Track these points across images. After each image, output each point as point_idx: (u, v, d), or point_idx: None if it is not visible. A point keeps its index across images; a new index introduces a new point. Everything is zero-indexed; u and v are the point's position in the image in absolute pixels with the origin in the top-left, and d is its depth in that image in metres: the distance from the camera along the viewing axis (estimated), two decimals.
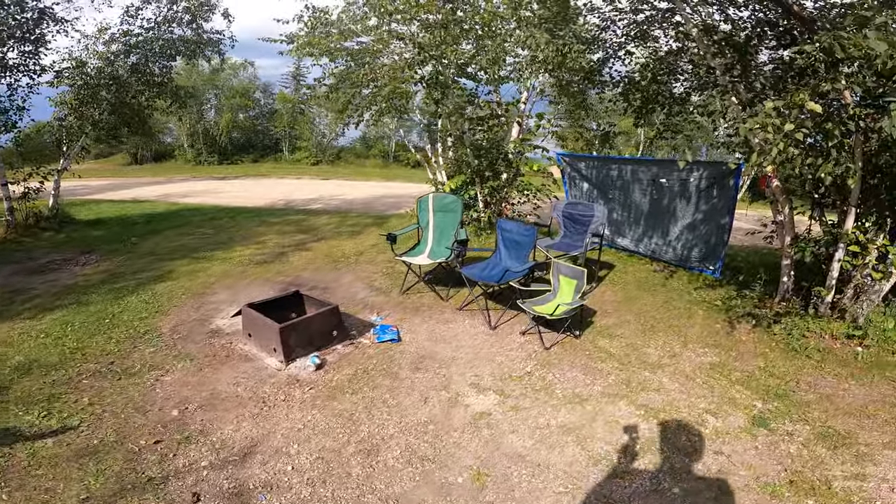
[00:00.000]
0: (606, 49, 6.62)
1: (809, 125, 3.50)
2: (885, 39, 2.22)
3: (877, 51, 2.22)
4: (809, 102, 3.40)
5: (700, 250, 6.45)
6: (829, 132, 3.45)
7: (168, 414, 3.46)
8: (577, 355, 4.34)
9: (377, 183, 20.99)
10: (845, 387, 3.91)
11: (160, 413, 3.47)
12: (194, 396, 3.68)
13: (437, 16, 7.97)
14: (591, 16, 6.64)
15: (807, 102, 3.40)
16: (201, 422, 3.38)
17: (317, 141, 33.68)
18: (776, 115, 3.40)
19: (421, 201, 6.09)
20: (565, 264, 4.64)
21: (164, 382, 3.88)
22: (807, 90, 3.51)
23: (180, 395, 3.70)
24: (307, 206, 13.28)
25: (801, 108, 3.44)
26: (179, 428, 3.30)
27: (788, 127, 3.45)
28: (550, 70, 6.56)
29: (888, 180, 4.38)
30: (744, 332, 4.83)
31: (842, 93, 3.70)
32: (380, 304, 5.54)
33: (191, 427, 3.31)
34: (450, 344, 4.62)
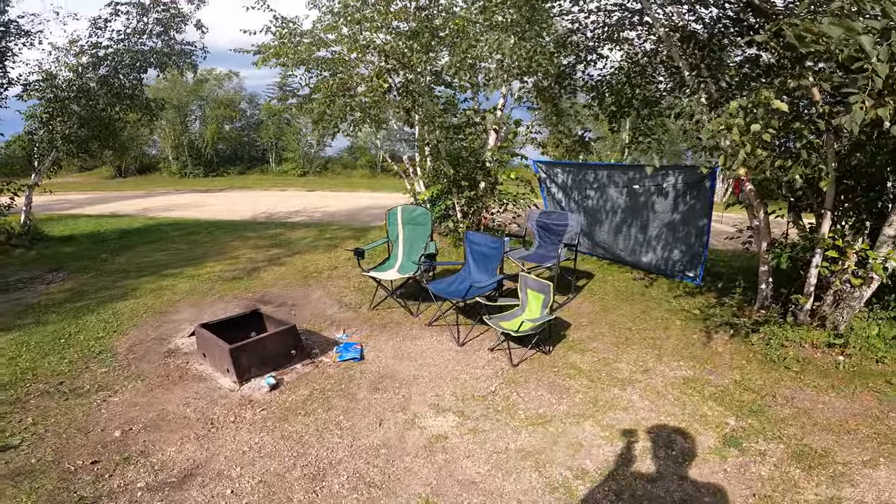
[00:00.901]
0: (578, 53, 6.49)
1: (777, 125, 3.35)
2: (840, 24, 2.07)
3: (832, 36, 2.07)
4: (775, 101, 3.25)
5: (680, 257, 6.29)
6: (798, 132, 3.29)
7: (110, 434, 3.36)
8: (545, 372, 4.14)
9: (363, 194, 20.81)
10: (825, 399, 3.73)
11: (102, 433, 3.38)
12: (140, 417, 3.57)
13: (408, 24, 7.84)
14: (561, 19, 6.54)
15: (772, 100, 3.25)
16: (143, 443, 3.28)
17: (304, 152, 33.48)
18: (741, 115, 3.25)
19: (390, 214, 5.90)
20: (532, 278, 4.45)
21: (112, 403, 3.77)
22: (772, 88, 3.36)
23: (126, 416, 3.59)
24: (289, 218, 13.07)
25: (766, 106, 3.30)
26: (120, 448, 3.21)
27: (755, 128, 3.30)
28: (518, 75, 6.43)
29: (864, 181, 4.24)
30: (721, 342, 4.65)
31: (810, 90, 3.56)
32: (347, 321, 5.33)
33: (132, 448, 3.22)
34: (414, 361, 4.42)
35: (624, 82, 6.26)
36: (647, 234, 6.59)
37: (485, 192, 8.27)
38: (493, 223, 8.80)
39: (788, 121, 3.49)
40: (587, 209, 7.36)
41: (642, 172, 6.42)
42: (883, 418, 3.47)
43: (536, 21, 6.17)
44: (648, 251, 6.63)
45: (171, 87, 30.89)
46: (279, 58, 7.72)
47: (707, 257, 6.07)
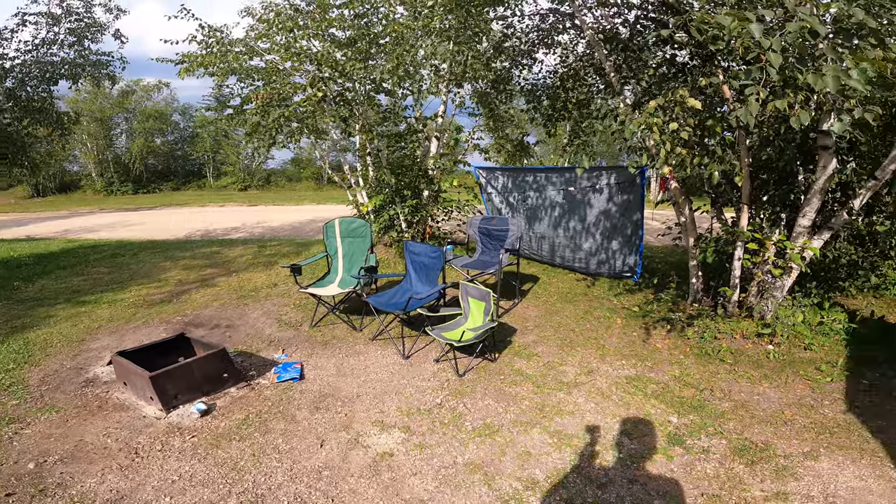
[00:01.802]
0: (514, 57, 6.58)
1: (693, 123, 3.47)
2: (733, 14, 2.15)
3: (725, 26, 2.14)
4: (690, 98, 3.37)
5: (618, 255, 6.46)
6: (712, 129, 3.43)
7: (24, 467, 3.11)
8: (492, 380, 4.08)
9: (308, 207, 20.25)
10: (760, 391, 3.87)
11: (15, 466, 3.12)
12: (55, 449, 3.30)
13: (345, 32, 7.69)
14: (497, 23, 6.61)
15: (687, 99, 3.37)
16: (61, 475, 3.03)
17: (244, 165, 32.26)
18: (660, 114, 3.35)
19: (327, 228, 5.68)
20: (473, 286, 4.39)
21: (24, 435, 3.47)
22: (686, 86, 3.49)
23: (40, 448, 3.31)
24: (226, 235, 12.46)
25: (682, 105, 3.41)
26: (35, 481, 2.97)
27: (673, 126, 3.41)
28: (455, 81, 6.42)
29: (776, 175, 4.49)
30: (659, 338, 4.78)
31: (720, 88, 3.72)
32: (286, 340, 5.06)
33: (48, 480, 2.99)
34: (358, 378, 4.23)
35: (558, 86, 6.39)
36: (585, 234, 6.73)
37: (428, 200, 8.19)
38: (439, 231, 8.73)
39: (703, 119, 3.63)
40: (528, 213, 7.44)
41: (576, 175, 6.55)
42: (817, 407, 3.64)
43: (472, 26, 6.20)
44: (588, 251, 6.77)
45: (93, 100, 28.97)
46: (205, 67, 7.35)
47: (643, 254, 6.27)
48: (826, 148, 3.85)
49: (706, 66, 3.65)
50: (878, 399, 3.71)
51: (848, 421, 3.41)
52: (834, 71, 2.00)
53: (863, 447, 3.09)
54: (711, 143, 3.60)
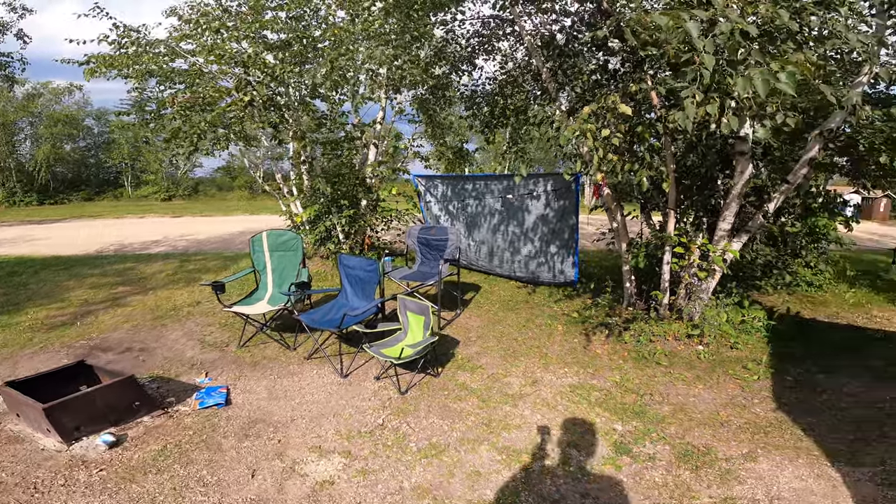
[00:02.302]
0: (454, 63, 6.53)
1: (624, 129, 3.53)
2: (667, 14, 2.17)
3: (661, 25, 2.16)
4: (621, 104, 3.42)
5: (555, 260, 6.54)
6: (641, 136, 3.50)
7: None
8: (436, 396, 3.91)
9: (240, 217, 19.24)
10: (695, 392, 3.97)
11: None
12: None
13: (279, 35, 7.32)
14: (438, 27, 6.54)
15: (618, 104, 3.42)
16: None
17: (168, 173, 30.24)
18: (592, 120, 3.37)
19: (254, 242, 5.28)
20: (411, 300, 4.21)
21: None
22: (617, 92, 3.55)
23: None
24: (145, 249, 11.49)
25: (614, 111, 3.46)
26: None
27: (605, 133, 3.44)
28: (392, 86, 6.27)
29: (698, 181, 4.68)
30: (599, 344, 4.83)
31: (649, 94, 3.82)
32: (211, 363, 4.63)
33: None
34: (291, 400, 3.92)
35: (497, 92, 6.41)
36: (524, 240, 6.77)
37: (367, 209, 7.95)
38: (378, 242, 8.49)
39: (633, 125, 3.71)
40: (467, 221, 7.40)
41: (514, 182, 6.59)
42: (749, 406, 3.77)
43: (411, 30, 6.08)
44: (527, 256, 6.81)
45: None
46: (114, 69, 6.73)
47: (580, 259, 6.38)
48: (743, 153, 4.06)
49: (636, 71, 3.74)
50: (803, 395, 3.92)
51: (779, 419, 3.56)
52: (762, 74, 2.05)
53: (797, 446, 3.22)
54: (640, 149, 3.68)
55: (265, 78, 6.69)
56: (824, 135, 3.77)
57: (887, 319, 6.14)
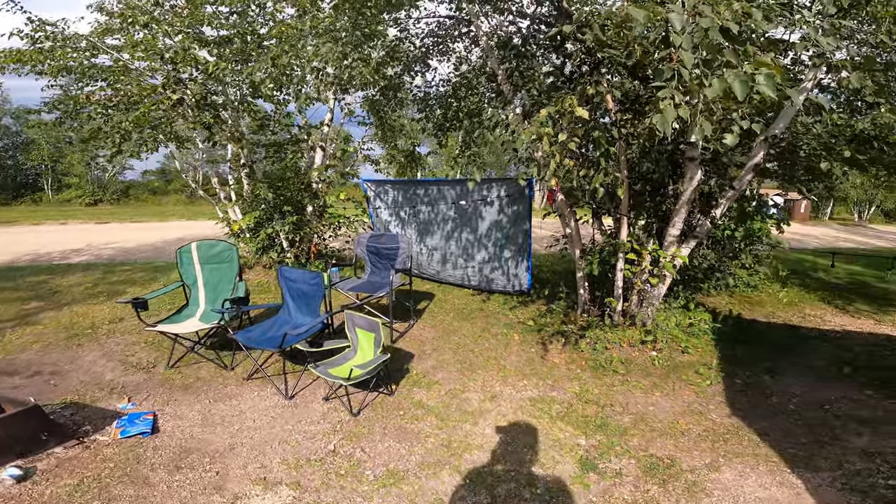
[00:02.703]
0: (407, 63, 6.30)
1: (580, 134, 3.45)
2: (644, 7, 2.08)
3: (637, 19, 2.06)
4: (578, 108, 3.34)
5: (509, 265, 6.44)
6: (597, 140, 3.43)
7: None
8: (391, 417, 3.66)
9: (176, 223, 18.04)
10: (653, 401, 3.94)
11: None
12: None
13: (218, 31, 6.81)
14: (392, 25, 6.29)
15: (576, 108, 3.34)
16: None
17: (94, 176, 28.04)
18: (549, 124, 3.27)
19: (182, 253, 4.80)
20: (359, 315, 3.93)
21: None
22: (574, 95, 3.46)
23: None
24: (64, 259, 10.43)
25: (571, 114, 3.37)
26: None
27: (562, 137, 3.35)
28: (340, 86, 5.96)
29: (649, 186, 4.70)
30: (556, 352, 4.74)
31: (605, 97, 3.77)
32: (135, 386, 4.14)
33: None
34: (230, 427, 3.54)
35: (450, 94, 6.25)
36: (477, 246, 6.63)
37: (313, 216, 7.54)
38: (326, 249, 8.10)
39: (588, 129, 3.65)
40: (419, 227, 7.18)
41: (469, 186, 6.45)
42: (705, 412, 3.78)
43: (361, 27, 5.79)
44: (481, 264, 6.68)
45: None
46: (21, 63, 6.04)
47: (533, 264, 6.31)
48: (693, 159, 4.10)
49: (593, 74, 3.68)
50: (754, 399, 3.98)
51: (735, 425, 3.58)
52: (738, 76, 1.99)
53: (756, 453, 3.22)
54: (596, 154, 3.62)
55: (200, 75, 6.18)
56: (769, 140, 3.86)
57: (820, 318, 6.49)
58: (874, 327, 6.19)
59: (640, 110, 4.03)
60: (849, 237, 20.23)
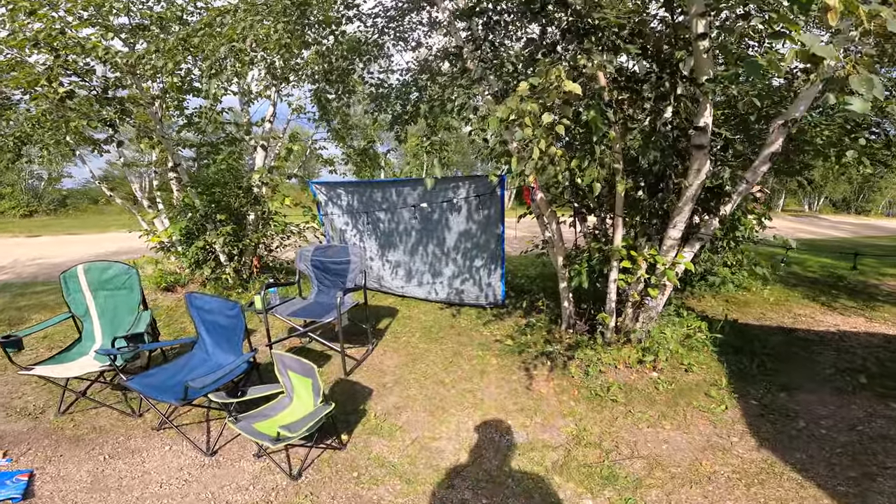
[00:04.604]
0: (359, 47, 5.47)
1: (570, 114, 2.75)
2: None
3: None
4: (567, 81, 2.64)
5: (481, 277, 5.70)
6: (593, 123, 2.72)
7: None
8: (342, 480, 2.83)
9: (114, 235, 16.45)
10: (665, 437, 3.27)
11: None
12: None
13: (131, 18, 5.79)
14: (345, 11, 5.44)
15: (565, 82, 2.63)
16: None
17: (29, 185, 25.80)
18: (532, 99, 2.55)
19: (66, 278, 3.80)
20: (291, 357, 3.07)
21: None
22: (562, 66, 2.75)
23: None
24: None
25: (558, 90, 2.66)
26: None
27: (547, 119, 2.63)
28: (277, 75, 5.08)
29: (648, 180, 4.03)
30: (542, 380, 4.02)
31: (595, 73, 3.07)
32: (15, 437, 3.20)
33: None
34: (129, 492, 2.66)
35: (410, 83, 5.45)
36: (445, 258, 5.86)
37: (255, 224, 6.60)
38: (273, 262, 7.16)
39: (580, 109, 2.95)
40: (377, 235, 6.34)
41: (435, 187, 5.68)
42: (729, 447, 3.13)
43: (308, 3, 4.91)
44: (449, 273, 5.91)
45: None
46: None
47: (506, 270, 5.61)
48: (701, 147, 3.46)
49: (583, 42, 2.98)
50: (779, 424, 3.37)
51: (767, 461, 2.95)
52: None
53: (802, 496, 2.62)
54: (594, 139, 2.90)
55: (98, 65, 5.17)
56: (788, 126, 3.26)
57: (811, 318, 6.05)
58: (867, 326, 5.81)
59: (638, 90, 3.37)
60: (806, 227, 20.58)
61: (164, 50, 4.72)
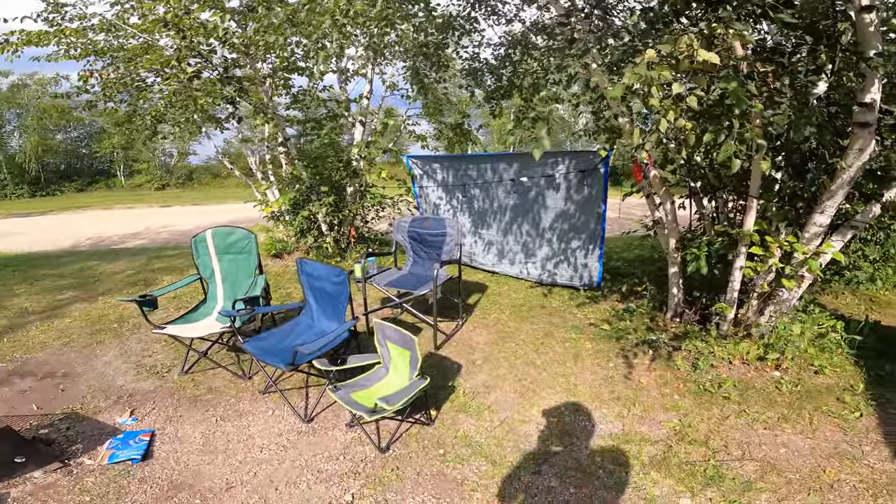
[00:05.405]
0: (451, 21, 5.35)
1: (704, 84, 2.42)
2: None
3: None
4: (701, 51, 2.32)
5: (577, 258, 5.42)
6: (734, 95, 2.36)
7: None
8: (429, 457, 2.85)
9: (231, 206, 18.17)
10: (784, 440, 2.90)
11: None
12: None
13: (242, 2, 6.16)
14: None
15: (698, 50, 2.32)
16: None
17: (161, 162, 29.23)
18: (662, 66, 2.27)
19: (197, 243, 4.17)
20: (392, 328, 3.09)
21: None
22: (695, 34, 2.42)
23: None
24: (122, 243, 10.52)
25: (690, 59, 2.35)
26: None
27: (678, 88, 2.33)
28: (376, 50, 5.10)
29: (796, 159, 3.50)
30: (643, 369, 3.74)
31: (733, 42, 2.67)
32: (143, 395, 3.61)
33: None
34: (233, 457, 2.89)
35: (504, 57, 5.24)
36: (540, 233, 5.65)
37: (353, 196, 6.85)
38: (368, 233, 7.41)
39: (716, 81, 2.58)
40: (471, 209, 6.27)
41: (530, 163, 5.45)
42: (859, 456, 2.71)
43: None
44: (543, 253, 5.69)
45: None
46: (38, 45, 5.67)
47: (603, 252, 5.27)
48: (865, 126, 2.91)
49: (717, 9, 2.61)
50: None
51: None
52: None
53: None
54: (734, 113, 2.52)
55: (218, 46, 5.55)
56: None
57: None
58: None
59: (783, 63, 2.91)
60: None
61: (275, 27, 4.94)
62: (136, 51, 6.10)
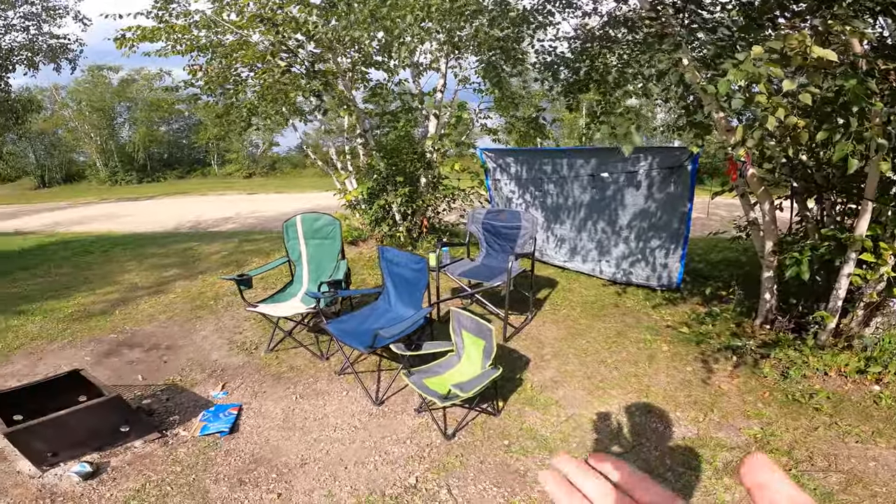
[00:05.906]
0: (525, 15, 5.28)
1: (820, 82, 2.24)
2: None
3: None
4: (816, 47, 2.15)
5: (656, 258, 5.20)
6: (852, 93, 2.16)
7: None
8: (493, 447, 2.90)
9: (310, 195, 19.16)
10: (875, 453, 2.66)
11: None
12: None
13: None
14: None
15: (812, 47, 2.15)
16: None
17: (248, 152, 31.31)
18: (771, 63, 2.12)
19: (288, 227, 4.49)
20: (468, 316, 3.15)
21: None
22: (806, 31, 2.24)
23: None
24: (216, 227, 11.48)
25: (804, 55, 2.18)
26: None
27: (789, 85, 2.18)
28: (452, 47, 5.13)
29: None
30: (723, 375, 3.54)
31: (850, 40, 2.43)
32: (233, 370, 3.96)
33: None
34: (309, 434, 3.11)
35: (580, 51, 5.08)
36: (616, 230, 5.46)
37: (427, 187, 7.00)
38: (439, 224, 7.54)
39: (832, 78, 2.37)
40: (545, 205, 6.18)
41: (609, 158, 5.28)
42: None
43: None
44: (618, 251, 5.51)
45: (93, 89, 28.38)
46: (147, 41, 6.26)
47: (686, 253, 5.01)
48: None
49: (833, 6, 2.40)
50: None
51: None
52: None
53: None
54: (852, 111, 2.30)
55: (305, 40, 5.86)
56: None
57: None
58: None
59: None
60: None
61: (358, 22, 5.14)
62: (233, 46, 6.61)
